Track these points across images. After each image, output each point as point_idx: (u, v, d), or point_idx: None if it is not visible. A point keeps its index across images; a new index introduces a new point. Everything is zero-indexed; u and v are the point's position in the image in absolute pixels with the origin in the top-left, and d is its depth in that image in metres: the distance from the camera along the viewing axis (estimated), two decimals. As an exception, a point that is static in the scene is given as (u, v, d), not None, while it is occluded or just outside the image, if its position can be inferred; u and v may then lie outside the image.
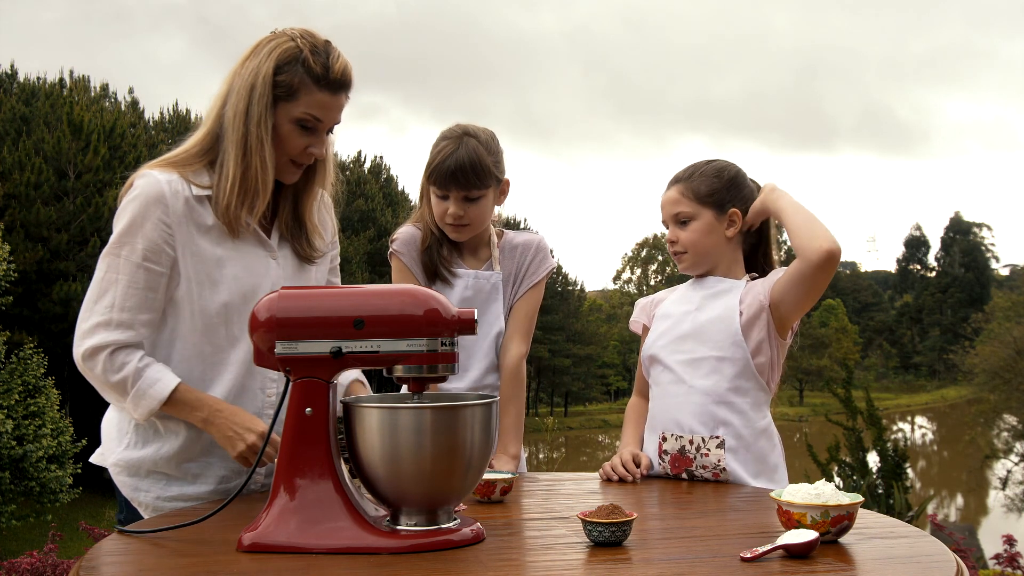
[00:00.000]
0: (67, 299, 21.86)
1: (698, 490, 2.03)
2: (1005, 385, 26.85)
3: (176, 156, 1.92)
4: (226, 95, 1.89)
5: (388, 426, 1.45)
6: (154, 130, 29.77)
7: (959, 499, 30.14)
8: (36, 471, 17.45)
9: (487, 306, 2.35)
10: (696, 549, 1.46)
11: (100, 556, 1.44)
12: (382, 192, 35.06)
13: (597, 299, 58.72)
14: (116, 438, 1.97)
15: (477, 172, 2.24)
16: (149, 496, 1.92)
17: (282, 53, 1.86)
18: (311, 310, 1.50)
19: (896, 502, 8.77)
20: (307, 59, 1.85)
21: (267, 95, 1.84)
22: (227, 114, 1.88)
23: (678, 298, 2.33)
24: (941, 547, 1.47)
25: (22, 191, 22.15)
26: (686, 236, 2.23)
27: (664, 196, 2.29)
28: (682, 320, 2.25)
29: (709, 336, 2.19)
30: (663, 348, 2.27)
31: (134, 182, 1.88)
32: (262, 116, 1.85)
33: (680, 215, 2.24)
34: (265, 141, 1.86)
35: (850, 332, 56.86)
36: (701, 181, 2.24)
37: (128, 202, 1.86)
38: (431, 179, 2.28)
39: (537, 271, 2.40)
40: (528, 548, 1.50)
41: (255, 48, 1.89)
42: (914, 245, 72.26)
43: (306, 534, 1.44)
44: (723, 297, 2.22)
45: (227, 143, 1.88)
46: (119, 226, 1.87)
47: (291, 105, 1.87)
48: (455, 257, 2.38)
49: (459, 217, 2.28)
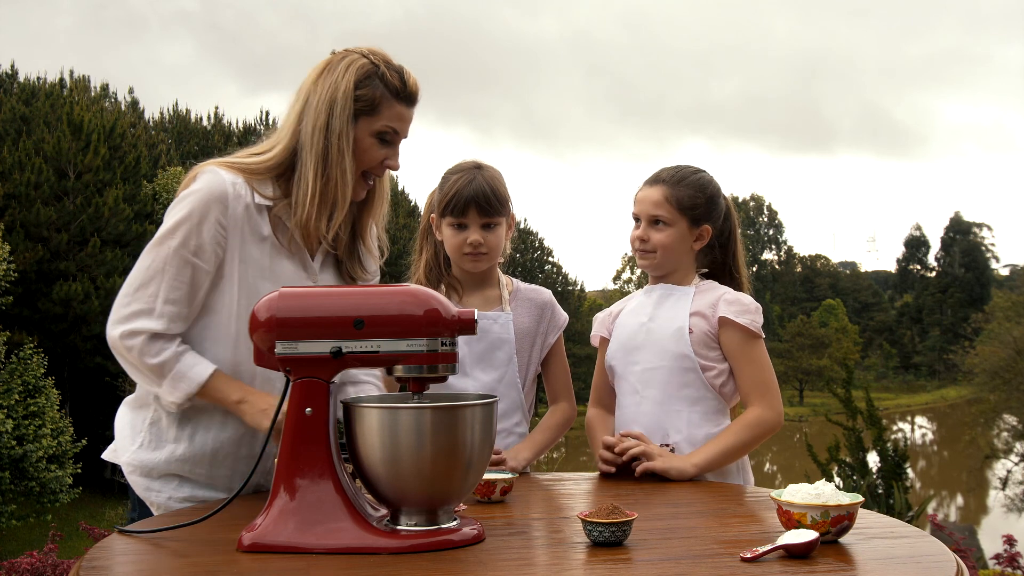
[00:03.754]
0: (67, 299, 21.85)
1: (698, 490, 2.03)
2: (1005, 385, 26.84)
3: (247, 163, 1.92)
4: (301, 111, 1.91)
5: (388, 426, 1.45)
6: (154, 130, 29.75)
7: (959, 499, 30.13)
8: (36, 471, 17.45)
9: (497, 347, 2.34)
10: (696, 549, 1.46)
11: (100, 556, 1.44)
12: (382, 192, 34.99)
13: (597, 299, 58.70)
14: (129, 437, 1.96)
15: (497, 197, 2.29)
16: (161, 497, 1.92)
17: (360, 69, 1.90)
18: (311, 310, 1.50)
19: (896, 502, 8.78)
20: (384, 74, 1.91)
21: (348, 108, 1.88)
22: (305, 128, 1.89)
23: (632, 309, 2.38)
24: (941, 547, 1.47)
25: (22, 191, 22.14)
26: (659, 238, 2.28)
27: (645, 192, 2.31)
28: (636, 331, 2.31)
29: (660, 347, 2.25)
30: (619, 360, 2.34)
31: (198, 175, 1.88)
32: (343, 129, 1.87)
33: (658, 217, 2.27)
34: (346, 153, 1.88)
35: (850, 332, 56.86)
36: (685, 191, 2.27)
37: (188, 194, 1.85)
38: (448, 210, 2.29)
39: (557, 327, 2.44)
40: (528, 548, 1.50)
41: (327, 65, 1.92)
42: (914, 245, 72.21)
43: (306, 534, 1.44)
44: (674, 307, 2.28)
45: (305, 156, 1.89)
46: (174, 216, 1.85)
47: (372, 119, 1.91)
48: (454, 301, 2.35)
49: (479, 244, 2.28)
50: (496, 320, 2.35)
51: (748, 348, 2.22)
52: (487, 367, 2.33)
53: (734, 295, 2.26)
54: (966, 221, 69.35)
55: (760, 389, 2.21)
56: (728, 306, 2.23)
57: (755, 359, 2.22)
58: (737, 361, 2.22)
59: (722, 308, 2.22)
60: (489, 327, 2.33)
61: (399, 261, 9.13)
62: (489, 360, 2.33)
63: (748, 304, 2.24)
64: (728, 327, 2.22)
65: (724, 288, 2.30)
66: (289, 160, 1.92)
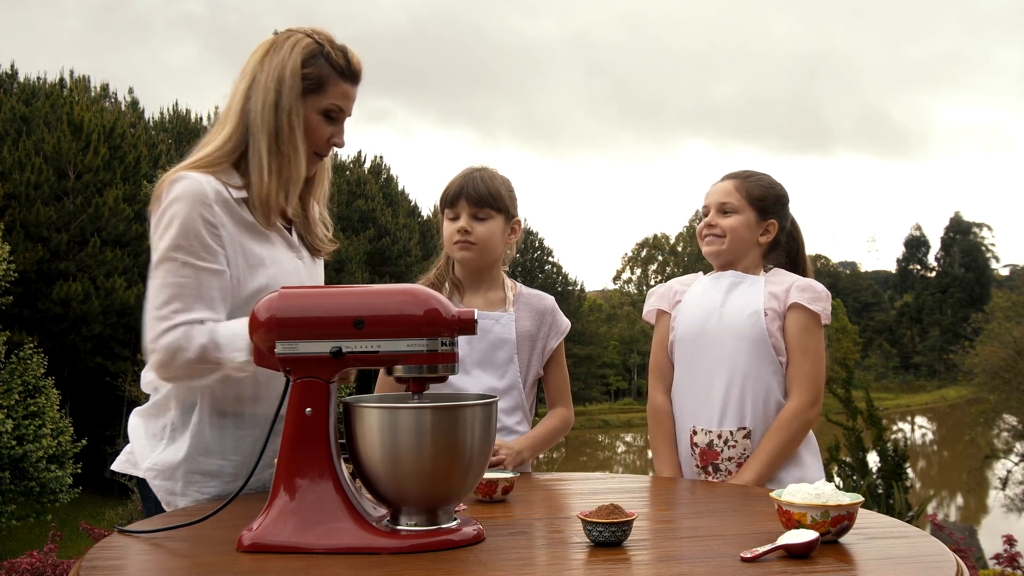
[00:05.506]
0: (67, 299, 21.86)
1: (698, 490, 2.04)
2: (1005, 385, 26.82)
3: (203, 159, 1.91)
4: (248, 91, 1.91)
5: (388, 426, 1.45)
6: (154, 130, 29.75)
7: (959, 499, 30.12)
8: (36, 471, 17.46)
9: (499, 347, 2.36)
10: (696, 549, 1.46)
11: (100, 556, 1.44)
12: (382, 192, 35.06)
13: (597, 299, 58.71)
14: (148, 444, 1.92)
15: (489, 189, 2.33)
16: (186, 500, 1.88)
17: (305, 48, 1.92)
18: (311, 310, 1.50)
19: (896, 502, 8.77)
20: (330, 53, 1.93)
21: (297, 87, 1.90)
22: (254, 107, 1.90)
23: (700, 293, 2.39)
24: (941, 547, 1.47)
25: (22, 191, 22.15)
26: (728, 223, 2.33)
27: (716, 186, 2.40)
28: (708, 315, 2.32)
29: (735, 331, 2.27)
30: (689, 343, 2.34)
31: (172, 185, 1.85)
32: (293, 106, 1.90)
33: (727, 205, 2.34)
34: (297, 130, 1.91)
35: (850, 332, 56.84)
36: (755, 185, 2.36)
37: (170, 203, 1.83)
38: (444, 203, 2.38)
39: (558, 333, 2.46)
40: (528, 548, 1.50)
41: (272, 44, 1.94)
42: (914, 245, 72.19)
43: (306, 534, 1.44)
44: (746, 292, 2.31)
45: (256, 136, 1.90)
46: (170, 231, 1.82)
47: (319, 97, 1.93)
48: (454, 300, 2.38)
49: (466, 232, 2.32)
50: (498, 320, 2.36)
51: (809, 336, 2.26)
52: (488, 367, 2.34)
53: (806, 282, 2.32)
54: (966, 221, 69.34)
55: (808, 381, 2.25)
56: (800, 292, 2.28)
57: (812, 349, 2.26)
58: (794, 348, 2.26)
59: (794, 294, 2.27)
60: (491, 327, 2.35)
61: (399, 261, 9.17)
62: (491, 360, 2.35)
63: (820, 291, 2.30)
64: (797, 312, 2.26)
65: (795, 276, 2.35)
66: (243, 142, 1.93)
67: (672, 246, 63.95)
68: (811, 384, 2.25)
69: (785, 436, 2.22)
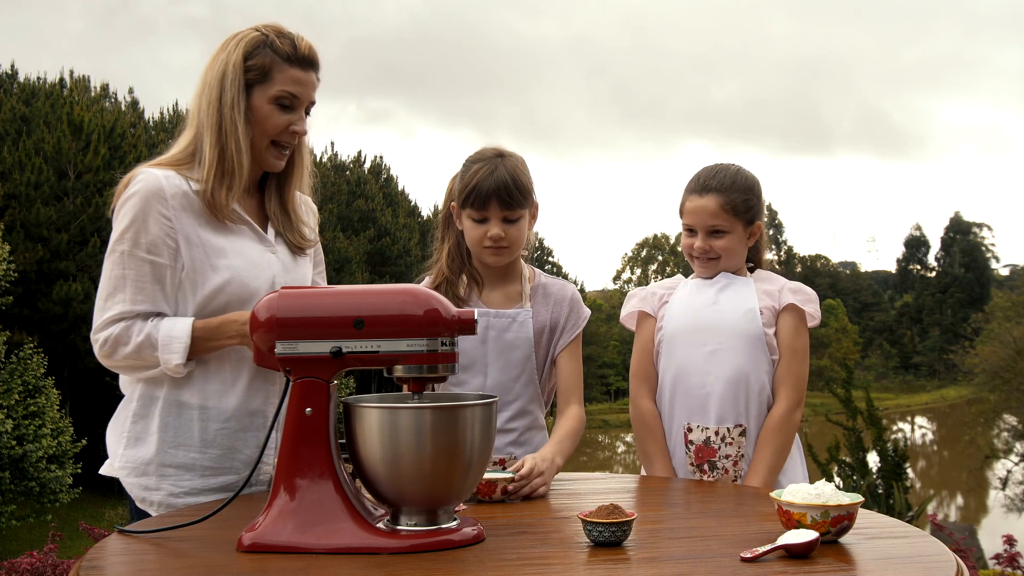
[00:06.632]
0: (67, 299, 21.85)
1: (698, 490, 2.04)
2: (1005, 385, 26.83)
3: (169, 157, 1.98)
4: (200, 94, 1.96)
5: (388, 426, 1.45)
6: (154, 130, 29.74)
7: (959, 499, 30.13)
8: (36, 471, 17.45)
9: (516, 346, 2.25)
10: (696, 549, 1.46)
11: (100, 556, 1.44)
12: (382, 192, 35.06)
13: (597, 299, 58.68)
14: (116, 441, 1.96)
15: (520, 189, 2.18)
16: (160, 494, 1.90)
17: (249, 42, 1.95)
18: (311, 310, 1.50)
19: (896, 502, 8.77)
20: (274, 42, 1.95)
21: (239, 80, 1.93)
22: (202, 107, 1.95)
23: (689, 293, 2.37)
24: (941, 547, 1.47)
25: (22, 191, 22.14)
26: (721, 244, 2.32)
27: (698, 203, 2.31)
28: (700, 314, 2.31)
29: (732, 328, 2.27)
30: (681, 343, 2.32)
31: (131, 180, 1.92)
32: (235, 99, 1.92)
33: (718, 227, 2.30)
34: (239, 122, 1.93)
35: (850, 332, 56.86)
36: (738, 196, 2.31)
37: (127, 198, 1.90)
38: (468, 202, 2.19)
39: (577, 324, 2.31)
40: (528, 548, 1.50)
41: (222, 46, 1.97)
42: (914, 245, 72.18)
43: (306, 534, 1.44)
44: (740, 292, 2.32)
45: (203, 131, 1.94)
46: (121, 223, 1.89)
47: (267, 86, 1.95)
48: (473, 296, 2.29)
49: (499, 239, 2.19)
50: (515, 318, 2.26)
51: (800, 337, 2.29)
52: (505, 365, 2.25)
53: (796, 284, 2.34)
54: (966, 221, 69.34)
55: (797, 382, 2.28)
56: (794, 294, 2.30)
57: (801, 350, 2.29)
58: (787, 348, 2.28)
59: (788, 295, 2.30)
60: (507, 326, 2.25)
61: (399, 261, 9.18)
62: (507, 358, 2.25)
63: (811, 294, 2.33)
64: (791, 312, 2.28)
65: (783, 278, 2.37)
66: (196, 141, 1.97)
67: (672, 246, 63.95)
68: (799, 385, 2.28)
69: (781, 439, 2.24)
